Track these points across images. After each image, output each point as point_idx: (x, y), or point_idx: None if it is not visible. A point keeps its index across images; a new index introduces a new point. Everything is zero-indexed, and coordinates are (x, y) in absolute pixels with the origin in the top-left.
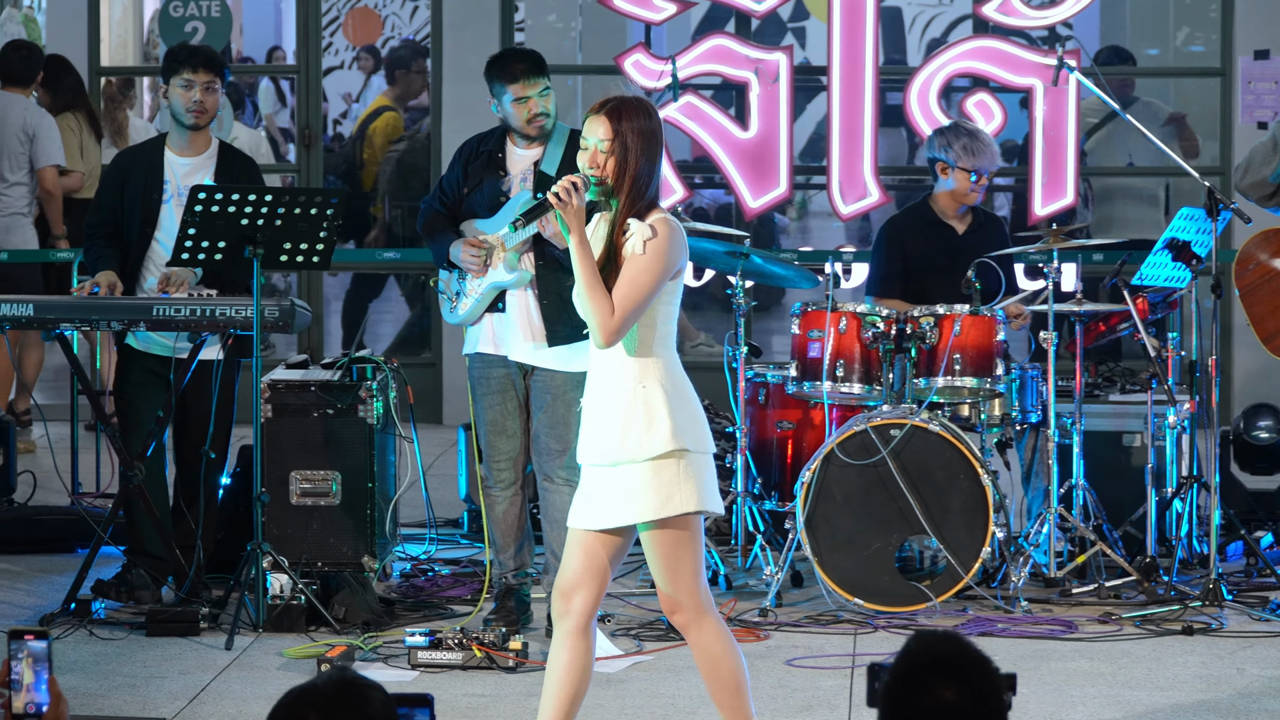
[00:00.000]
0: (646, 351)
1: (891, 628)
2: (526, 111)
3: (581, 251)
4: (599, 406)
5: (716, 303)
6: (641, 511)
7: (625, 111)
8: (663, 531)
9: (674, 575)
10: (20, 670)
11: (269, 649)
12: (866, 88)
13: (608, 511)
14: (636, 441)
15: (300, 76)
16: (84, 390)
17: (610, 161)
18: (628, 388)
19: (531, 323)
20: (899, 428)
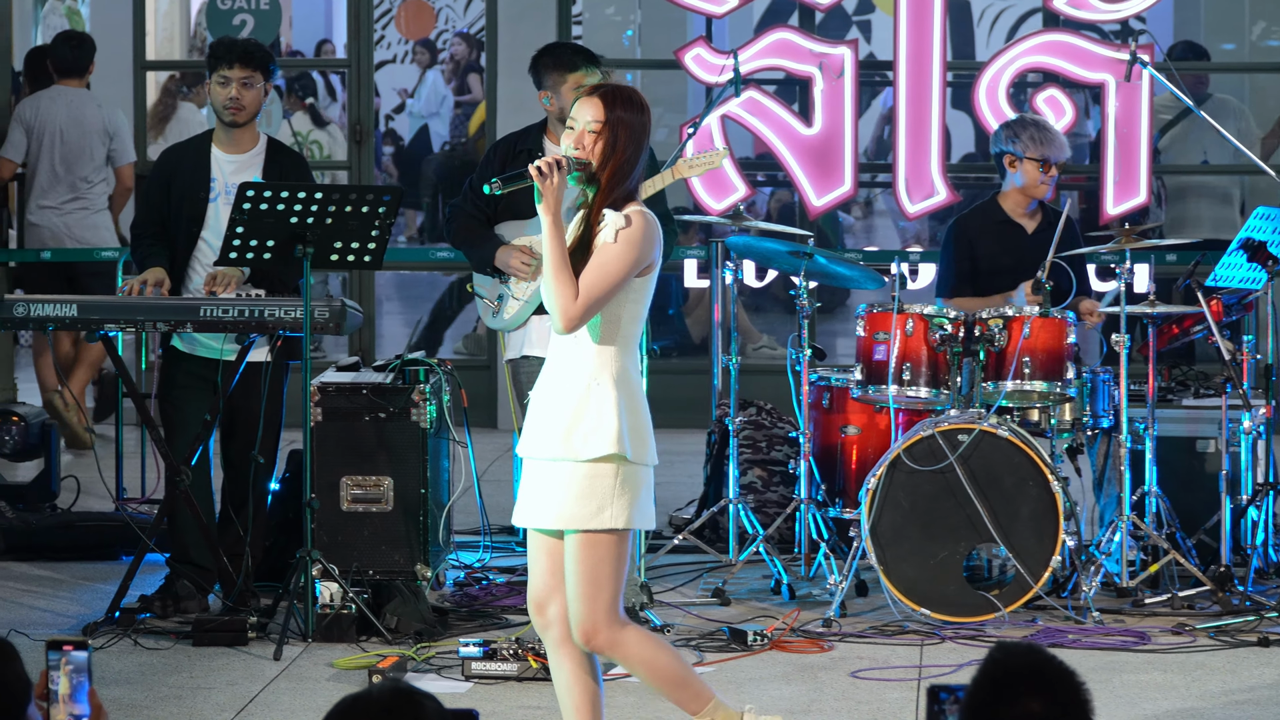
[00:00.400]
0: (607, 348)
1: (959, 639)
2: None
3: (553, 232)
4: (548, 397)
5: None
6: (570, 518)
7: (620, 99)
8: (589, 543)
9: (593, 592)
10: (59, 681)
11: (319, 659)
12: (934, 83)
13: (543, 511)
14: (580, 439)
15: (351, 71)
16: (129, 393)
17: (598, 145)
18: (580, 382)
19: None
20: (967, 433)
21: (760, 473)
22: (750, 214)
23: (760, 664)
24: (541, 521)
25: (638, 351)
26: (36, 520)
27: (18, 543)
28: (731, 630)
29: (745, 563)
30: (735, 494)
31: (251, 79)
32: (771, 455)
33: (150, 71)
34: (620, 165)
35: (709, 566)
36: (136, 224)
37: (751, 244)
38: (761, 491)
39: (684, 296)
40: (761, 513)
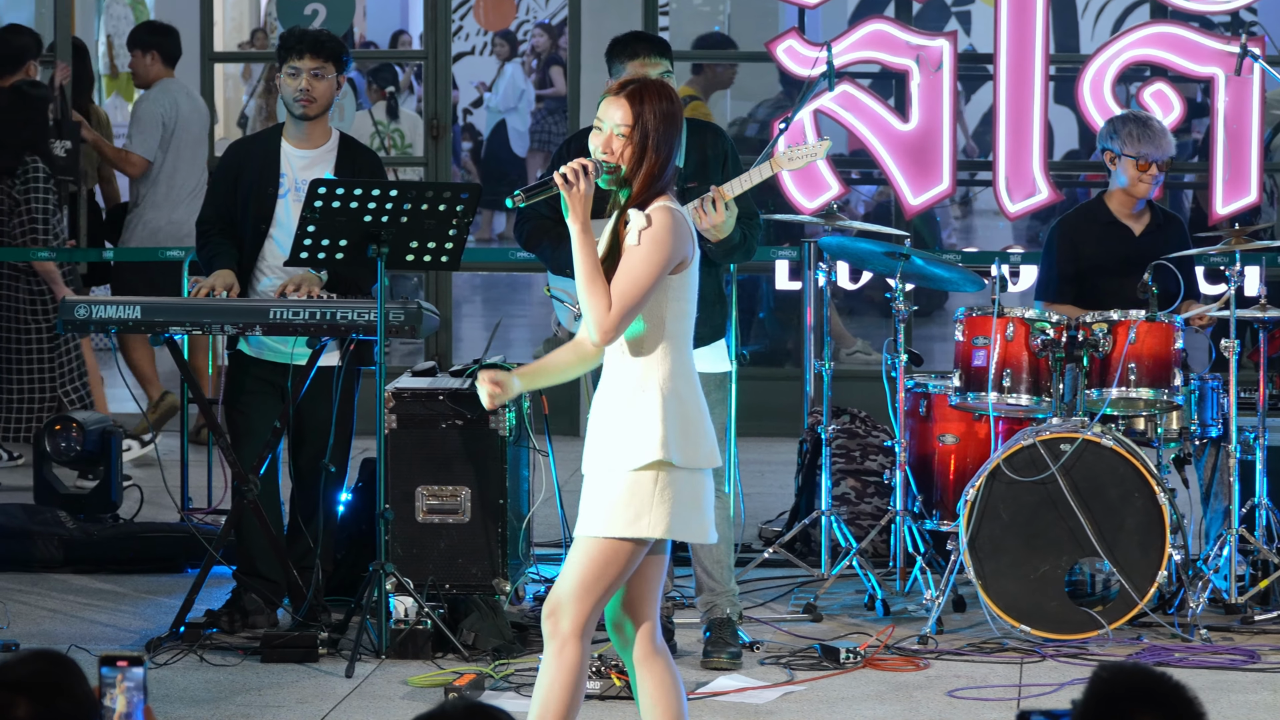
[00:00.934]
0: (650, 353)
1: (1060, 657)
2: None
3: (583, 240)
4: (599, 409)
5: (874, 307)
6: (608, 525)
7: (647, 95)
8: (605, 545)
9: (585, 590)
10: (115, 699)
11: (392, 677)
12: (1036, 77)
13: (583, 519)
14: (624, 448)
15: (428, 63)
16: (195, 399)
17: (628, 149)
18: (626, 391)
19: None
20: (1069, 442)
21: (854, 483)
22: (844, 213)
23: (853, 682)
24: (587, 530)
25: (689, 349)
26: (98, 531)
27: (78, 554)
28: (823, 647)
29: (838, 577)
30: (828, 505)
31: (322, 69)
32: (866, 465)
33: (218, 64)
34: (653, 168)
35: (800, 581)
36: (202, 220)
37: (846, 245)
38: (855, 503)
39: (775, 299)
40: (855, 525)
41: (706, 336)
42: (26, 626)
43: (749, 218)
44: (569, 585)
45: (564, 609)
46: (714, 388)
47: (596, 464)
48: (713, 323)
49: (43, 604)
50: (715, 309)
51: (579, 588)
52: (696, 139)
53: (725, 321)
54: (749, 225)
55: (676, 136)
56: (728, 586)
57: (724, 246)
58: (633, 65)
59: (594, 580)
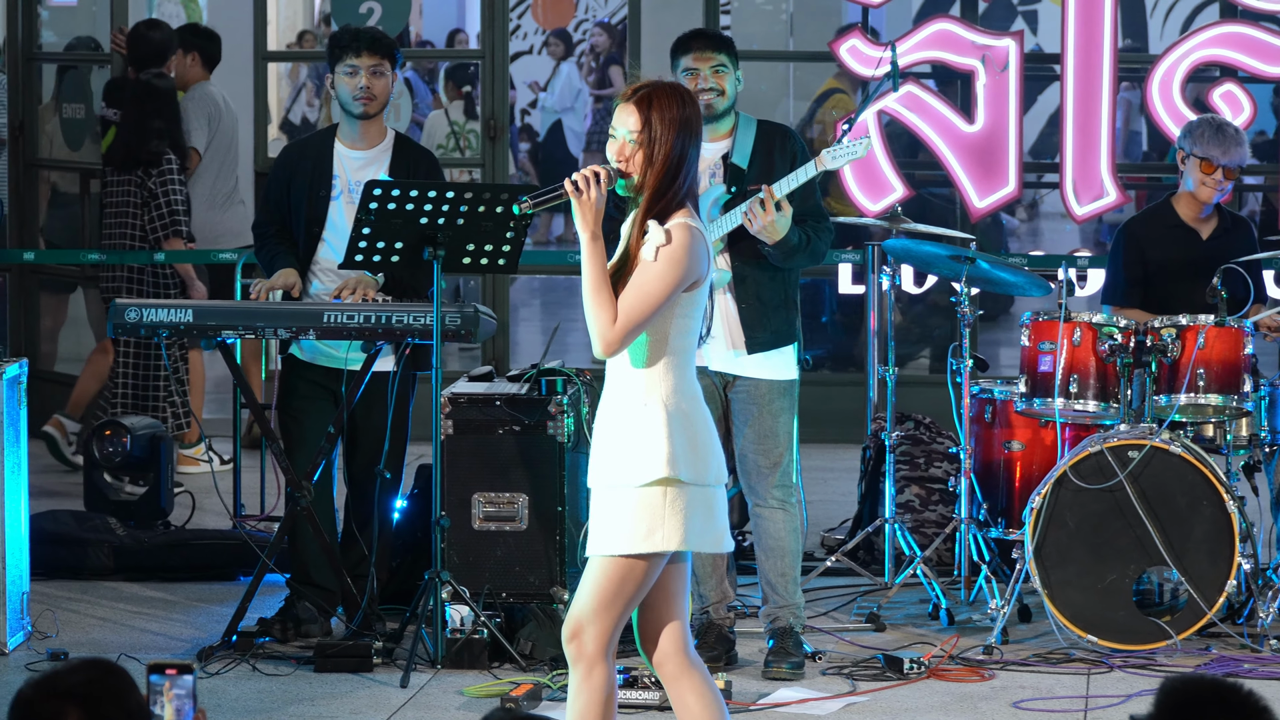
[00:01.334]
0: (654, 366)
1: (1128, 667)
2: (694, 85)
3: (592, 249)
4: (602, 423)
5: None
6: (621, 543)
7: (656, 100)
8: (620, 562)
9: (603, 608)
10: (164, 708)
11: (448, 687)
12: (1104, 77)
13: (595, 538)
14: (628, 464)
15: (485, 62)
16: (247, 404)
17: (638, 156)
18: (630, 405)
19: (730, 328)
20: (1137, 449)
21: (918, 490)
22: (908, 216)
23: (917, 693)
24: (599, 549)
25: (692, 365)
26: (148, 538)
27: (129, 562)
28: (887, 657)
29: (901, 586)
30: (891, 513)
31: (380, 67)
32: (930, 472)
33: (271, 63)
34: (664, 173)
35: (863, 590)
36: (257, 224)
37: (910, 248)
38: (919, 510)
39: (838, 304)
40: (919, 533)
41: (767, 342)
42: (76, 635)
43: (816, 219)
44: (587, 605)
45: (585, 630)
46: (777, 395)
47: (602, 480)
48: (774, 328)
49: (92, 612)
50: (779, 314)
51: (598, 607)
52: (764, 140)
53: (791, 328)
54: (816, 228)
55: (690, 142)
56: (792, 600)
57: (782, 249)
58: (687, 60)
59: (612, 598)
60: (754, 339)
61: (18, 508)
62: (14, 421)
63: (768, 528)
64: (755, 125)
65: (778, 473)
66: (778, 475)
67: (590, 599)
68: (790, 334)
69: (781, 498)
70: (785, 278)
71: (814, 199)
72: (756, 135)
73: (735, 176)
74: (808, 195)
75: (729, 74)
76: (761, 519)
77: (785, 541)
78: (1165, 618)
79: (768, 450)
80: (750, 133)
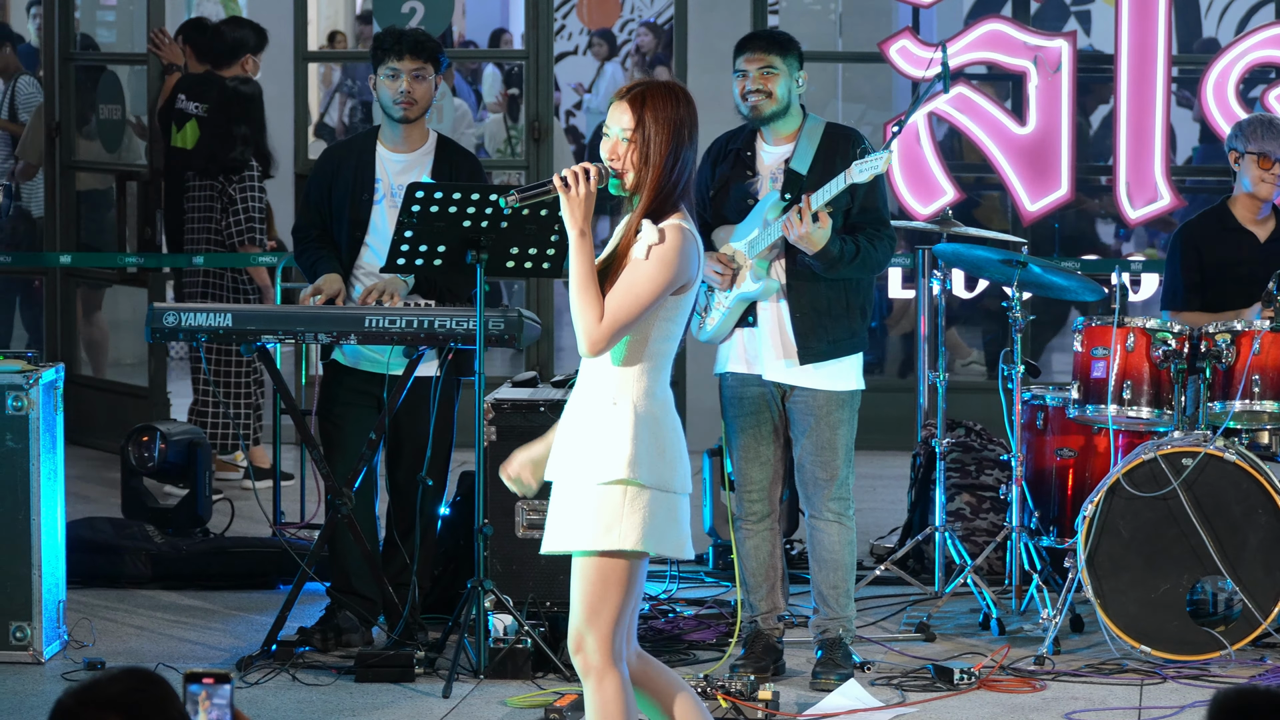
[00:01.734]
0: (630, 368)
1: (1181, 678)
2: (742, 86)
3: (581, 246)
4: (570, 417)
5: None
6: (579, 539)
7: (650, 98)
8: (596, 564)
9: (593, 615)
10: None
11: (490, 697)
12: (1158, 78)
13: (553, 534)
14: (591, 461)
15: (529, 63)
16: (287, 410)
17: (632, 153)
18: (599, 402)
19: (784, 338)
20: (1191, 456)
21: (968, 498)
22: (959, 219)
23: (967, 704)
24: (556, 545)
25: (668, 371)
26: (187, 546)
27: (167, 570)
28: (936, 668)
29: (952, 595)
30: (942, 521)
31: (423, 71)
32: (981, 480)
33: (311, 63)
34: (659, 174)
35: (913, 599)
36: (298, 227)
37: (961, 252)
38: (970, 519)
39: (888, 308)
40: (970, 541)
41: (824, 352)
42: (113, 644)
43: (876, 226)
44: (580, 615)
45: (585, 640)
46: (836, 406)
47: (563, 474)
48: (833, 337)
49: (130, 621)
50: (839, 323)
51: (589, 614)
52: (829, 144)
53: (854, 337)
54: (873, 236)
55: (685, 143)
56: (843, 612)
57: (822, 260)
58: (740, 61)
59: (599, 602)
60: (807, 349)
61: (54, 515)
62: (50, 427)
63: (822, 540)
64: (823, 129)
65: (834, 485)
66: (834, 488)
67: (580, 607)
68: (853, 343)
69: (839, 510)
70: (848, 285)
71: (875, 206)
72: (821, 139)
73: (793, 182)
74: (868, 202)
75: (779, 76)
76: (816, 530)
77: (839, 555)
78: (1219, 628)
79: (825, 462)
80: (815, 137)
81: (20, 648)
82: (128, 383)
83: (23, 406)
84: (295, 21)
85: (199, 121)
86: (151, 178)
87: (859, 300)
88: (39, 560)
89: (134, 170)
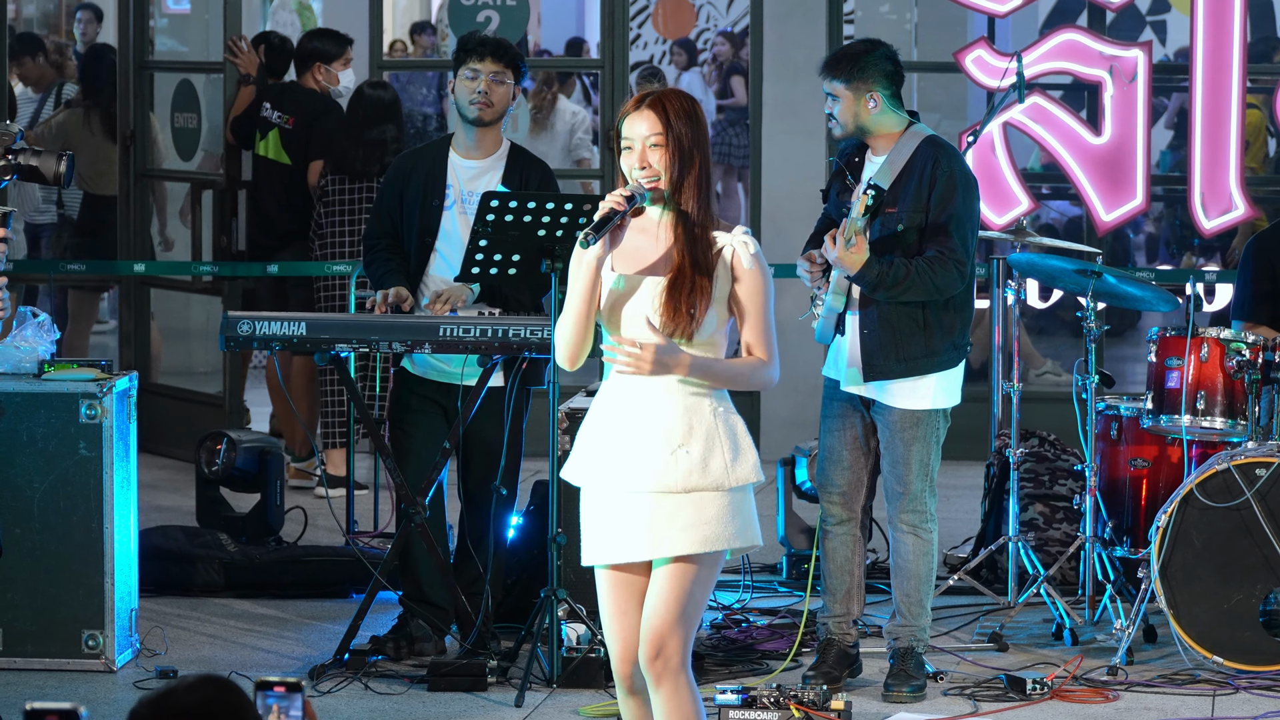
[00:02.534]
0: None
1: (1254, 689)
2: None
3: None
4: (656, 430)
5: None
6: (716, 539)
7: (667, 99)
8: (705, 565)
9: (686, 617)
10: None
11: (563, 706)
12: (1233, 88)
13: (671, 539)
14: (721, 468)
15: (605, 72)
16: (361, 419)
17: (665, 158)
18: (704, 411)
19: (855, 352)
20: (1265, 466)
21: (1042, 508)
22: (1034, 229)
23: (1040, 714)
24: (677, 548)
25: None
26: (260, 554)
27: (240, 578)
28: (1009, 678)
29: (1025, 605)
30: (1015, 531)
31: (502, 74)
32: (1054, 490)
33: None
34: (699, 171)
35: (986, 609)
36: (369, 235)
37: (1035, 262)
38: (1043, 529)
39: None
40: (1043, 551)
41: (893, 371)
42: (185, 652)
43: (942, 249)
44: (670, 618)
45: (669, 644)
46: (910, 424)
47: (679, 484)
48: (905, 355)
49: (202, 629)
50: (913, 340)
51: (683, 616)
52: (918, 160)
53: (932, 356)
54: (936, 260)
55: (706, 137)
56: (916, 622)
57: (863, 282)
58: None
59: (698, 603)
60: (872, 367)
61: (127, 523)
62: (124, 435)
63: (898, 548)
64: (918, 144)
65: (908, 499)
66: (908, 500)
67: (674, 610)
68: (932, 363)
69: (914, 523)
70: (925, 303)
71: (945, 225)
72: (913, 155)
73: (876, 197)
74: (938, 220)
75: (841, 102)
76: (894, 540)
77: (913, 564)
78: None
79: (899, 477)
80: (907, 152)
81: (93, 656)
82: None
83: (96, 415)
84: (370, 29)
85: (280, 129)
86: (228, 186)
87: (938, 318)
88: (111, 568)
89: (209, 179)
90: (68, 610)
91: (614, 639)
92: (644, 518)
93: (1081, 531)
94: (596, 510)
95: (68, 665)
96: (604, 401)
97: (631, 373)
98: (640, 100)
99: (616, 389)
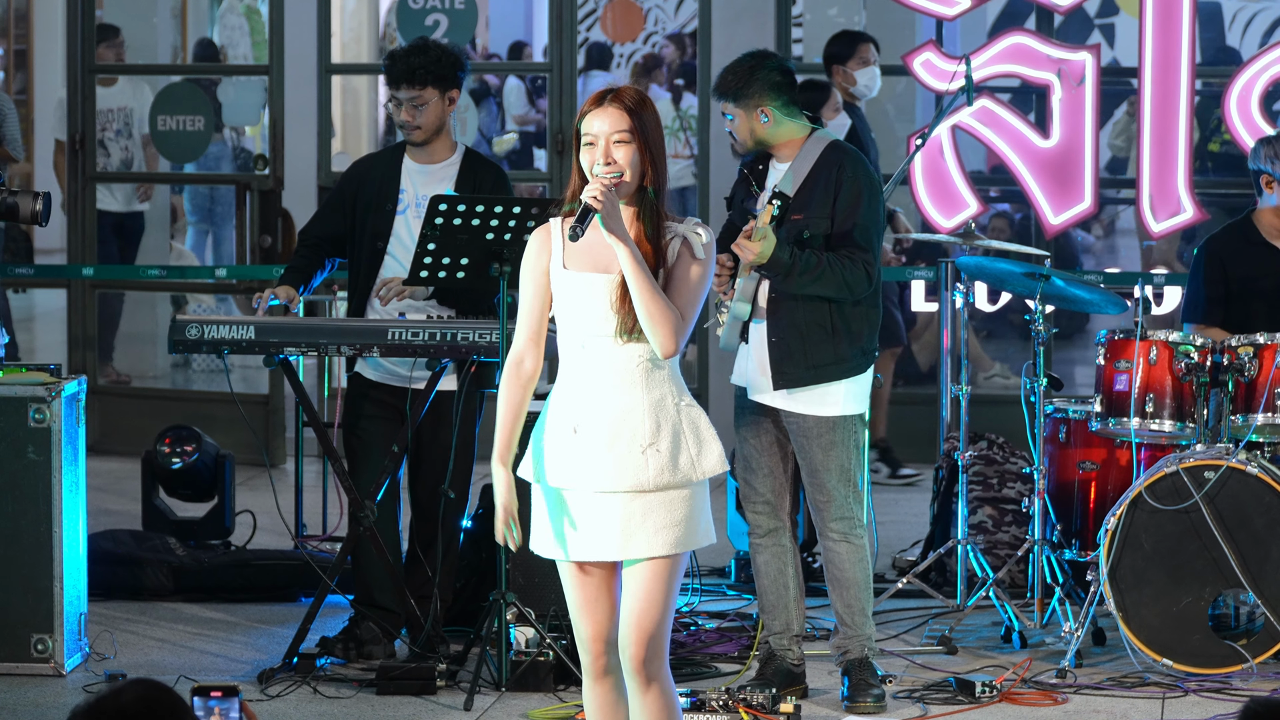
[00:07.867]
0: (676, 364)
1: (1203, 692)
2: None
3: (631, 253)
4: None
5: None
6: (691, 539)
7: (633, 96)
8: (679, 561)
9: (665, 614)
10: None
11: (512, 710)
12: (1181, 92)
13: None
14: (688, 462)
15: (553, 75)
16: (310, 422)
17: (630, 152)
18: (669, 408)
19: (763, 362)
20: (1214, 469)
21: (991, 511)
22: (982, 232)
23: (989, 717)
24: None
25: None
26: (209, 558)
27: (189, 582)
28: (958, 680)
29: (974, 608)
30: (964, 534)
31: (419, 98)
32: (1003, 492)
33: (335, 75)
34: (663, 166)
35: (935, 612)
36: (302, 231)
37: (984, 265)
38: (992, 532)
39: (911, 321)
40: (992, 554)
41: (801, 378)
42: (134, 656)
43: (850, 250)
44: (656, 617)
45: (656, 644)
46: (824, 430)
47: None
48: (814, 362)
49: (151, 633)
50: (821, 347)
51: (663, 617)
52: (821, 165)
53: (842, 362)
54: (846, 257)
55: (663, 133)
56: (861, 631)
57: (774, 270)
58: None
59: (673, 603)
60: (781, 374)
61: (75, 527)
62: (72, 439)
63: (832, 559)
64: (822, 150)
65: (833, 507)
66: (833, 509)
67: (657, 610)
68: (840, 369)
69: (843, 530)
70: (832, 308)
71: (851, 232)
72: (817, 161)
73: (783, 206)
74: (843, 225)
75: (736, 121)
76: (826, 551)
77: (850, 572)
78: (1241, 641)
79: (819, 485)
80: (812, 158)
81: (42, 660)
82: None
83: (45, 419)
84: (319, 34)
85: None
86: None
87: (846, 324)
88: (60, 572)
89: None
90: (16, 614)
91: (584, 624)
92: (616, 518)
93: (1030, 534)
94: (561, 508)
95: (16, 670)
96: (561, 402)
97: (597, 206)
98: (601, 97)
99: (573, 389)
